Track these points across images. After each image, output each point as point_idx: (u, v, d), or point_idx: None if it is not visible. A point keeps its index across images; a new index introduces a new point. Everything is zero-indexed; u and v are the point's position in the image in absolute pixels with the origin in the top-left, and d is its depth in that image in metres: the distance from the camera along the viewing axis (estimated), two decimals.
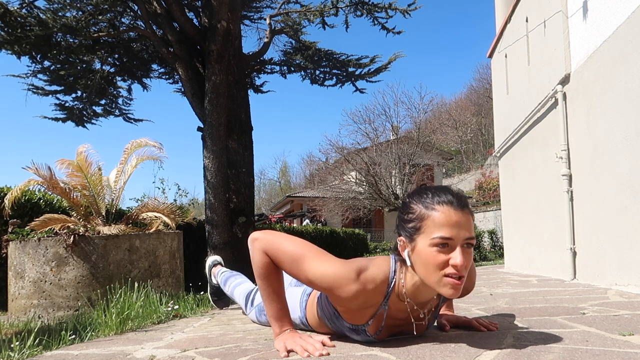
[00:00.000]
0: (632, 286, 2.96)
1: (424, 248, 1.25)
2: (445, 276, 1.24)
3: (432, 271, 1.25)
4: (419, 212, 1.28)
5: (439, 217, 1.24)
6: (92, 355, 1.60)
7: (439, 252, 1.24)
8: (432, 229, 1.25)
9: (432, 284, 1.27)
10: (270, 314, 1.49)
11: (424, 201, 1.29)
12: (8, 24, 6.00)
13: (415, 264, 1.29)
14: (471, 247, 1.27)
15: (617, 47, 3.21)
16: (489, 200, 22.23)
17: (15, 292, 3.58)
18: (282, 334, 1.45)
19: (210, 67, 6.07)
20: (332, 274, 1.32)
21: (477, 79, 36.24)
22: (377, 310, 1.38)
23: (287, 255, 1.40)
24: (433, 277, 1.25)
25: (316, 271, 1.34)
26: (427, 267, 1.25)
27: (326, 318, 1.54)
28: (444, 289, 1.25)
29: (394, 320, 1.42)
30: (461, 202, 1.28)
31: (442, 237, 1.23)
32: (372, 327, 1.41)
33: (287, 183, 43.27)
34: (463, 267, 1.23)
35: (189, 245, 6.12)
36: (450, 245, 1.24)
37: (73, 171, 3.89)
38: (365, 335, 1.43)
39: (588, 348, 1.27)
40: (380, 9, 7.72)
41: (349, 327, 1.44)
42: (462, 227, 1.24)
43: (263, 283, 1.47)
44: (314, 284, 1.37)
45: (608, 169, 3.36)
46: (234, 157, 6.56)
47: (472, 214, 1.30)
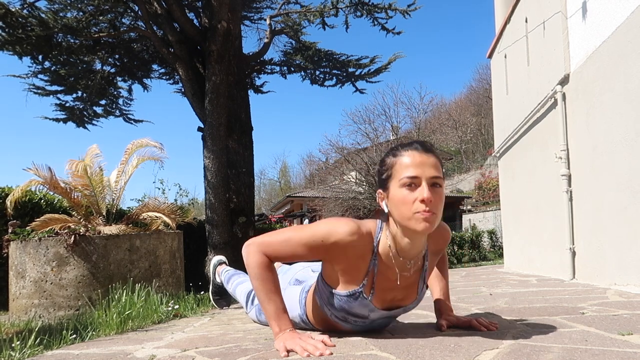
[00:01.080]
0: (631, 286, 2.97)
1: (396, 191, 1.38)
2: (416, 213, 1.34)
3: (404, 210, 1.36)
4: (389, 161, 1.43)
5: (405, 160, 1.38)
6: (92, 355, 1.61)
7: (408, 192, 1.36)
8: (400, 172, 1.38)
9: (406, 223, 1.37)
10: (269, 315, 1.48)
11: (393, 152, 1.44)
12: (9, 24, 6.01)
13: (392, 210, 1.41)
14: (440, 187, 1.38)
15: (617, 48, 3.21)
16: (489, 200, 22.23)
17: (16, 291, 3.58)
18: (282, 333, 1.44)
19: (211, 67, 6.08)
20: (324, 225, 1.44)
21: (477, 79, 36.24)
22: (368, 265, 1.46)
23: (281, 241, 1.48)
24: (406, 215, 1.36)
25: (309, 231, 1.45)
26: (400, 207, 1.37)
27: (325, 304, 1.57)
28: (416, 224, 1.35)
29: (386, 280, 1.48)
30: (425, 147, 1.41)
31: (409, 176, 1.36)
32: (367, 288, 1.47)
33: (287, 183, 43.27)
34: (430, 201, 1.34)
35: (189, 245, 6.13)
36: (417, 184, 1.36)
37: (79, 171, 3.90)
38: (363, 298, 1.47)
39: (587, 348, 1.27)
40: (380, 9, 7.73)
41: (346, 295, 1.48)
42: (426, 166, 1.37)
43: (259, 284, 1.48)
44: (312, 244, 1.44)
45: (607, 169, 3.37)
46: (234, 157, 6.57)
47: (438, 158, 1.41)
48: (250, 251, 1.50)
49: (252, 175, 6.79)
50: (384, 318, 1.59)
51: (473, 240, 13.10)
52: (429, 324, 1.80)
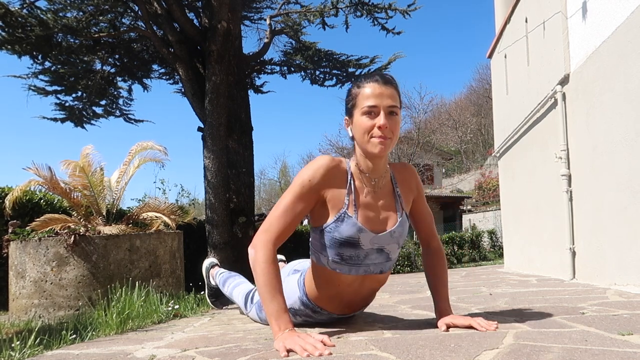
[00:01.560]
0: (631, 286, 2.97)
1: (358, 118, 1.60)
2: (373, 137, 1.56)
3: (364, 134, 1.58)
4: (353, 92, 1.63)
5: (366, 91, 1.59)
6: (92, 355, 1.61)
7: (368, 119, 1.57)
8: (362, 102, 1.58)
9: (365, 147, 1.59)
10: (270, 313, 1.49)
11: (357, 83, 1.64)
12: (9, 24, 6.01)
13: (355, 135, 1.63)
14: (396, 115, 1.59)
15: (617, 48, 3.21)
16: (489, 200, 22.24)
17: (16, 291, 3.58)
18: (282, 333, 1.45)
19: (211, 67, 6.08)
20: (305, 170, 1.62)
21: (477, 79, 36.23)
22: (347, 185, 1.64)
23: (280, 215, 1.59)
24: (365, 138, 1.58)
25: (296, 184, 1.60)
26: (360, 132, 1.59)
27: (319, 253, 1.67)
28: (373, 147, 1.58)
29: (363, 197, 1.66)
30: (384, 79, 1.61)
31: (369, 105, 1.56)
32: (350, 207, 1.63)
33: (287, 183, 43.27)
34: (385, 127, 1.55)
35: (189, 245, 6.14)
36: (375, 112, 1.56)
37: (76, 172, 3.90)
38: (348, 217, 1.60)
39: (587, 348, 1.27)
40: (380, 9, 7.73)
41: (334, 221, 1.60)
42: (385, 97, 1.57)
43: (264, 280, 1.51)
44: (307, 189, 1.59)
45: (607, 169, 3.37)
46: (234, 157, 6.57)
47: (396, 89, 1.62)
48: (255, 248, 1.57)
49: (252, 175, 6.79)
50: (376, 252, 1.67)
51: (473, 240, 13.10)
52: (429, 324, 1.80)
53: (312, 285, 1.74)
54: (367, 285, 1.76)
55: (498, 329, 1.60)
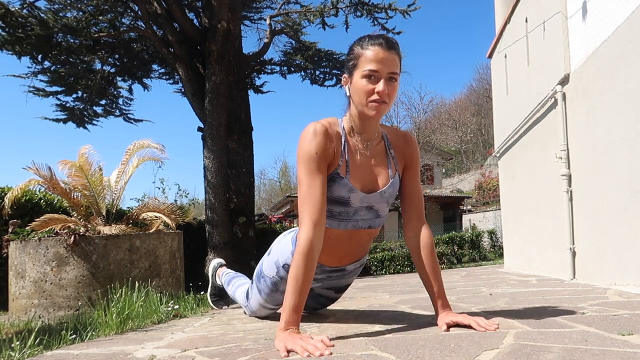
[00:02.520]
0: (631, 286, 2.97)
1: (357, 80, 1.60)
2: (372, 101, 1.59)
3: (362, 97, 1.59)
4: (356, 52, 1.62)
5: (369, 54, 1.58)
6: (92, 355, 1.61)
7: (368, 83, 1.58)
8: (364, 64, 1.58)
9: (361, 109, 1.62)
10: (287, 305, 1.49)
11: (361, 43, 1.63)
12: (9, 24, 6.01)
13: (352, 95, 1.64)
14: (395, 82, 1.61)
15: (617, 48, 3.21)
16: (489, 200, 22.23)
17: (15, 291, 3.58)
18: (284, 332, 1.45)
19: (211, 67, 6.08)
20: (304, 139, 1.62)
21: (477, 79, 36.23)
22: (340, 146, 1.66)
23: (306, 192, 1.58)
24: (363, 101, 1.60)
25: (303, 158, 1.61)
26: (359, 94, 1.60)
27: None
28: (369, 110, 1.60)
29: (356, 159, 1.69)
30: (389, 44, 1.60)
31: (370, 69, 1.57)
32: (342, 168, 1.66)
33: (287, 183, 43.24)
34: (384, 93, 1.57)
35: (189, 245, 6.13)
36: (376, 77, 1.58)
37: (74, 172, 3.90)
38: (340, 177, 1.65)
39: (587, 348, 1.27)
40: (380, 9, 7.72)
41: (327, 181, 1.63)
42: (387, 63, 1.57)
43: (295, 272, 1.50)
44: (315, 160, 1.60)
45: (607, 169, 3.37)
46: (234, 157, 6.57)
47: (399, 55, 1.62)
48: (299, 233, 1.56)
49: (252, 175, 6.79)
50: (365, 209, 1.72)
51: (473, 240, 13.09)
52: (429, 324, 1.80)
53: None
54: (355, 238, 1.81)
55: (498, 329, 1.60)
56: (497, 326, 1.60)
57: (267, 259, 2.00)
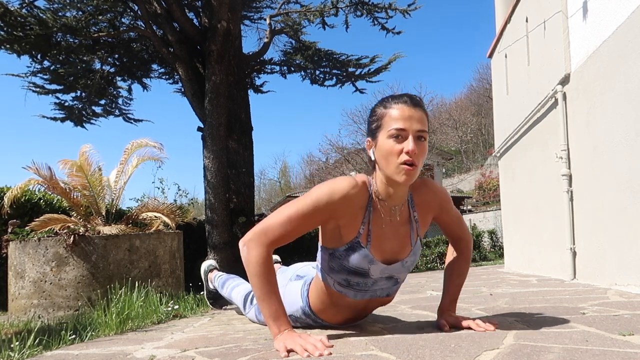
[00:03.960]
0: (631, 286, 2.96)
1: (383, 141, 1.47)
2: (401, 164, 1.44)
3: (390, 160, 1.46)
4: (379, 112, 1.51)
5: (394, 113, 1.47)
6: (92, 355, 1.60)
7: (395, 143, 1.45)
8: (388, 124, 1.46)
9: (390, 173, 1.47)
10: (268, 315, 1.47)
11: (384, 104, 1.52)
12: (8, 23, 6.00)
13: (378, 159, 1.50)
14: (424, 141, 1.47)
15: (617, 47, 3.21)
16: (489, 200, 22.22)
17: (15, 292, 3.58)
18: (281, 334, 1.44)
19: (210, 67, 6.07)
20: (324, 188, 1.51)
21: (477, 79, 36.19)
22: (364, 212, 1.54)
23: (282, 222, 1.49)
24: (391, 165, 1.46)
25: (310, 200, 1.49)
26: (386, 157, 1.47)
27: (326, 274, 1.61)
28: (399, 175, 1.45)
29: (379, 228, 1.56)
30: (414, 101, 1.49)
31: (396, 128, 1.45)
32: (364, 237, 1.54)
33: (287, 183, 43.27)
34: (414, 153, 1.43)
35: (189, 245, 6.13)
36: (403, 136, 1.45)
37: (74, 171, 3.90)
38: (360, 247, 1.53)
39: (588, 348, 1.27)
40: (380, 9, 7.72)
41: (345, 249, 1.54)
42: (414, 120, 1.45)
43: (259, 282, 1.47)
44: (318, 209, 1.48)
45: (608, 169, 3.37)
46: (234, 157, 6.56)
47: (425, 112, 1.50)
48: (250, 246, 1.49)
49: (252, 175, 6.79)
50: (385, 279, 1.62)
51: (473, 240, 13.10)
52: (429, 324, 1.79)
53: (316, 300, 1.71)
54: (371, 306, 1.75)
55: (498, 329, 1.59)
56: (495, 327, 1.60)
57: None
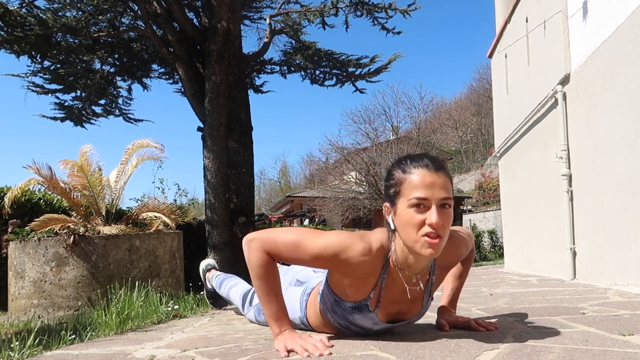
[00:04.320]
0: (631, 286, 2.96)
1: (403, 210, 1.33)
2: (424, 236, 1.31)
3: (411, 231, 1.32)
4: (398, 176, 1.37)
5: (414, 179, 1.32)
6: (92, 355, 1.60)
7: (416, 213, 1.31)
8: (409, 191, 1.32)
9: (412, 245, 1.34)
10: (269, 315, 1.47)
11: (402, 167, 1.37)
12: (8, 23, 6.00)
13: (398, 227, 1.37)
14: (449, 208, 1.33)
15: (617, 47, 3.21)
16: (489, 200, 22.22)
17: (15, 292, 3.58)
18: (282, 334, 1.44)
19: (210, 67, 6.07)
20: (337, 240, 1.39)
21: (477, 79, 36.20)
22: (377, 279, 1.43)
23: (287, 244, 1.43)
24: (412, 237, 1.32)
25: (321, 243, 1.39)
26: (407, 228, 1.33)
27: (328, 310, 1.55)
28: (422, 249, 1.32)
29: (392, 293, 1.46)
30: (436, 165, 1.34)
31: (418, 197, 1.30)
32: (373, 301, 1.45)
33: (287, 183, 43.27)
34: (439, 225, 1.29)
35: (189, 245, 6.12)
36: (426, 206, 1.31)
37: (75, 171, 3.90)
38: (367, 310, 1.46)
39: (588, 348, 1.27)
40: (380, 9, 7.72)
41: (351, 307, 1.47)
42: (437, 188, 1.31)
43: (261, 283, 1.45)
44: (321, 257, 1.39)
45: (608, 169, 3.37)
46: (234, 157, 6.56)
47: (448, 176, 1.36)
48: (252, 247, 1.45)
49: (252, 175, 6.78)
50: (386, 329, 1.58)
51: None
52: (429, 324, 1.80)
53: (313, 318, 1.68)
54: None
55: (498, 329, 1.59)
56: (496, 326, 1.60)
57: None
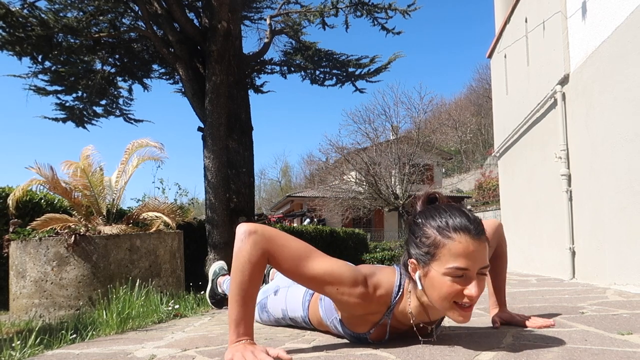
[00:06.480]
0: (630, 285, 2.97)
1: (438, 276, 1.22)
2: (458, 304, 1.23)
3: (445, 299, 1.22)
4: (434, 238, 1.23)
5: (455, 247, 1.20)
6: (93, 355, 1.61)
7: (453, 282, 1.20)
8: (447, 258, 1.20)
9: (442, 309, 1.26)
10: (233, 317, 1.29)
11: (439, 227, 1.23)
12: (9, 24, 6.01)
13: (427, 289, 1.26)
14: (485, 274, 1.25)
15: (616, 48, 3.21)
16: (489, 200, 22.21)
17: (16, 291, 3.59)
18: (237, 343, 1.28)
19: (211, 67, 6.08)
20: (338, 270, 1.31)
21: (477, 79, 36.25)
22: (380, 319, 1.37)
23: (292, 251, 1.32)
24: (445, 304, 1.24)
25: (323, 267, 1.31)
26: (440, 294, 1.23)
27: (328, 320, 1.53)
28: (454, 316, 1.24)
29: (397, 329, 1.42)
30: (478, 230, 1.22)
31: (458, 267, 1.19)
32: (374, 335, 1.41)
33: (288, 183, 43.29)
34: (477, 297, 1.21)
35: (189, 245, 6.13)
36: (465, 276, 1.21)
37: (76, 172, 3.91)
38: (367, 342, 1.43)
39: (587, 347, 1.27)
40: (380, 9, 7.73)
41: (351, 334, 1.45)
42: (478, 257, 1.21)
43: (243, 280, 1.29)
44: (318, 281, 1.31)
45: (607, 169, 3.37)
46: (234, 157, 6.57)
47: (487, 241, 1.25)
48: (251, 240, 1.29)
49: (252, 175, 6.79)
50: None
51: None
52: None
53: (315, 319, 1.66)
54: None
55: (499, 329, 1.60)
56: (553, 323, 1.62)
57: (273, 299, 1.91)
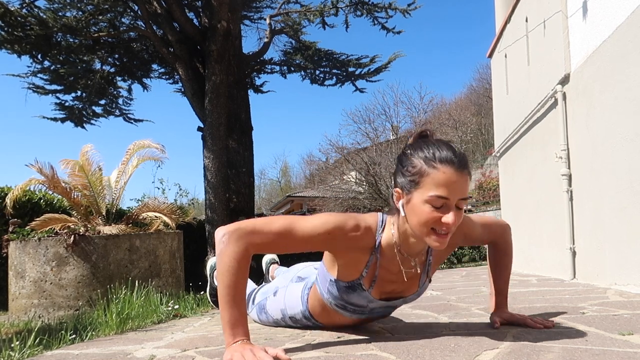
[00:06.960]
0: (631, 286, 2.97)
1: (419, 203, 1.30)
2: (435, 231, 1.30)
3: (424, 225, 1.30)
4: (420, 167, 1.30)
5: (438, 177, 1.27)
6: (92, 355, 1.61)
7: (432, 210, 1.28)
8: (429, 186, 1.28)
9: (421, 235, 1.33)
10: (227, 320, 1.29)
11: (426, 157, 1.30)
12: (8, 23, 6.01)
13: (408, 216, 1.34)
14: (463, 206, 1.32)
15: (617, 47, 3.21)
16: (489, 200, 22.20)
17: (15, 291, 3.58)
18: (234, 344, 1.28)
19: (211, 67, 6.08)
20: (331, 218, 1.39)
21: (477, 79, 36.18)
22: (369, 257, 1.44)
23: (278, 231, 1.34)
24: (423, 229, 1.31)
25: (311, 224, 1.37)
26: (420, 220, 1.31)
27: (324, 291, 1.56)
28: (430, 241, 1.32)
29: (387, 273, 1.47)
30: (461, 162, 1.29)
31: (439, 196, 1.27)
32: (367, 279, 1.46)
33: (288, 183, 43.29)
34: (454, 225, 1.29)
35: (189, 245, 6.13)
36: (445, 205, 1.28)
37: (75, 171, 3.90)
38: (361, 289, 1.46)
39: (587, 347, 1.27)
40: (380, 9, 7.73)
41: (345, 286, 1.47)
42: (458, 188, 1.28)
43: (230, 281, 1.29)
44: (313, 237, 1.36)
45: (607, 169, 3.37)
46: (234, 157, 6.57)
47: (470, 175, 1.33)
48: (233, 238, 1.30)
49: (252, 175, 6.80)
50: (384, 307, 1.59)
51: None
52: (429, 324, 1.80)
53: (315, 307, 1.68)
54: (368, 321, 1.73)
55: (499, 329, 1.60)
56: (553, 324, 1.61)
57: (272, 300, 1.91)
